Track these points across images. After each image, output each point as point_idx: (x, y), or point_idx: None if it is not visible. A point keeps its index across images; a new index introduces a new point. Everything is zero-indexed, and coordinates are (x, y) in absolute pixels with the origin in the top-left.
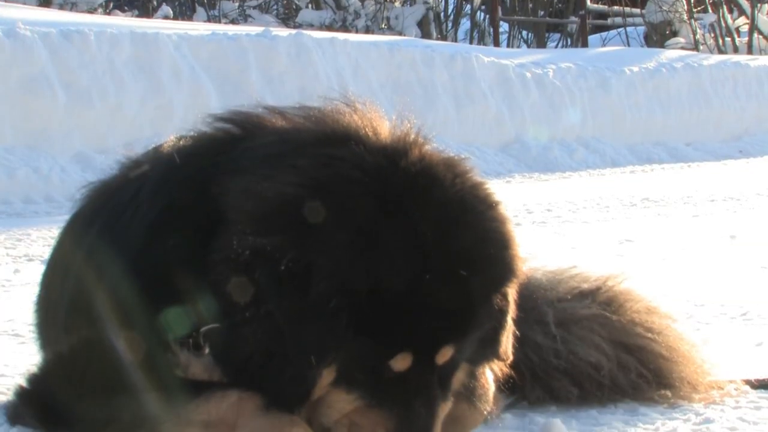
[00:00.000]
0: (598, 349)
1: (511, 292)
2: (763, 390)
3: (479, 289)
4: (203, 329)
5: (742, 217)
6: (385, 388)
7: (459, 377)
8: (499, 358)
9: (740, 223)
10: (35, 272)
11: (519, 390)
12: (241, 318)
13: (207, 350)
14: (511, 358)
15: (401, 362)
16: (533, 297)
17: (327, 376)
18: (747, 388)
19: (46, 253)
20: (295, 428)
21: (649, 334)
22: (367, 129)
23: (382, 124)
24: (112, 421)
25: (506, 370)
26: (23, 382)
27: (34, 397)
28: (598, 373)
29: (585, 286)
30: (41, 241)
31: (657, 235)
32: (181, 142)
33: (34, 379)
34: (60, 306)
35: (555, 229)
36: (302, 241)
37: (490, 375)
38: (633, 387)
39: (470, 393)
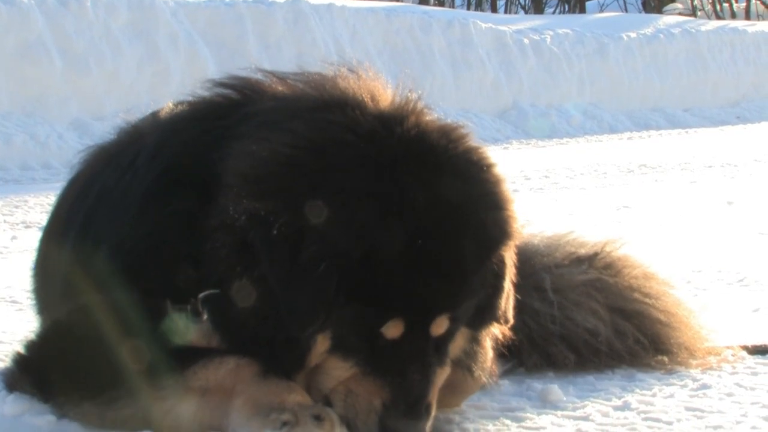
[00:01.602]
0: (596, 315)
1: (508, 255)
2: (760, 355)
3: (472, 254)
4: (201, 295)
5: (740, 183)
6: (380, 356)
7: (458, 343)
8: (497, 321)
9: (737, 189)
10: (33, 239)
11: (516, 356)
12: (237, 283)
13: (205, 316)
14: (511, 321)
15: (393, 329)
16: (531, 263)
17: (322, 342)
18: (744, 353)
19: (44, 220)
20: (292, 394)
21: (647, 300)
22: (365, 95)
23: (383, 91)
24: (109, 388)
25: (508, 333)
26: (21, 349)
27: (32, 364)
28: (596, 339)
29: (582, 251)
30: (38, 207)
31: (654, 201)
32: (179, 108)
33: (32, 346)
34: (57, 272)
35: (553, 195)
36: (295, 204)
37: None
38: (630, 353)
39: (469, 359)
